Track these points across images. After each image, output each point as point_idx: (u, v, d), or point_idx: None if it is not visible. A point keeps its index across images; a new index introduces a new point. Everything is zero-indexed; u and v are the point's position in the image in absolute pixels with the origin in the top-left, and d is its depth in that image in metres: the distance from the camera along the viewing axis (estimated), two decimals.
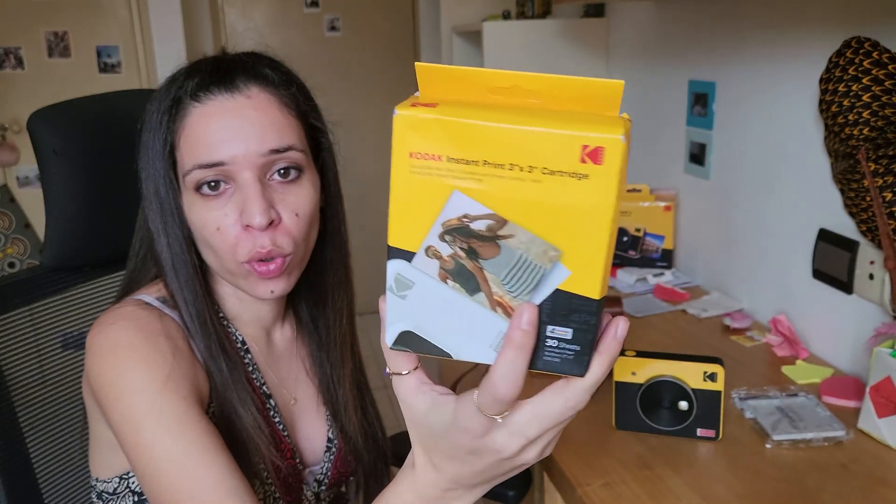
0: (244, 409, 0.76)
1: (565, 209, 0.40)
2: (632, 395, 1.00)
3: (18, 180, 3.02)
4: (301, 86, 0.79)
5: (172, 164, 0.75)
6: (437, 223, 0.42)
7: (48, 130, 0.89)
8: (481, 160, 0.40)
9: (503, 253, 0.42)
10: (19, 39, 2.91)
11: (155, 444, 0.67)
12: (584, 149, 0.39)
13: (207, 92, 0.72)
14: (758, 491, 0.89)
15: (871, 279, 1.15)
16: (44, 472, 0.93)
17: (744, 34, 1.42)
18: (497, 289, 0.43)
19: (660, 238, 1.67)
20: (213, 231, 0.73)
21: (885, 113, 1.03)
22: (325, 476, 0.89)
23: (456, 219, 0.42)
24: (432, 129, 0.40)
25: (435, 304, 0.44)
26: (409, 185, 0.42)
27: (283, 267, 0.74)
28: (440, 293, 0.44)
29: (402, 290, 0.44)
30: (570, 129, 0.38)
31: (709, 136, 1.56)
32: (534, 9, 2.25)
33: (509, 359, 0.42)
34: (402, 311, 0.45)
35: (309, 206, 0.76)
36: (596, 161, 0.39)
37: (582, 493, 0.90)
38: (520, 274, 0.42)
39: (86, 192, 0.92)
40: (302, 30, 3.53)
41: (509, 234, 0.42)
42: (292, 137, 0.74)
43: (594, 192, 0.39)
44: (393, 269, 0.44)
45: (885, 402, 0.96)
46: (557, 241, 0.41)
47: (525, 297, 0.43)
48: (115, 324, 0.72)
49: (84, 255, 0.95)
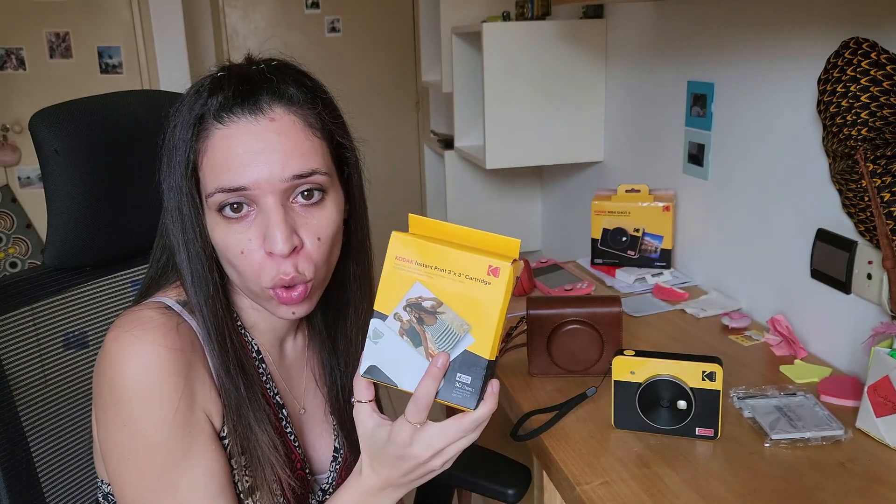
0: (260, 428, 0.77)
1: (476, 301, 0.66)
2: (630, 394, 1.01)
3: (20, 180, 3.03)
4: (327, 102, 0.77)
5: (195, 183, 0.74)
6: (404, 299, 0.68)
7: (50, 131, 0.89)
8: (434, 266, 0.67)
9: (438, 323, 0.67)
10: (21, 40, 2.91)
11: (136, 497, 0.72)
12: (490, 267, 0.65)
13: (231, 113, 0.71)
14: (756, 490, 0.90)
15: (869, 279, 1.15)
16: (45, 472, 0.93)
17: (742, 35, 1.43)
18: (432, 345, 0.68)
19: (658, 238, 1.67)
20: (238, 254, 0.73)
21: (883, 113, 1.04)
22: (331, 485, 0.89)
23: (415, 298, 0.68)
24: (410, 244, 0.68)
25: (393, 350, 0.68)
26: (391, 274, 0.68)
27: (305, 294, 0.75)
28: (397, 343, 0.68)
29: (377, 338, 0.69)
30: (484, 256, 0.66)
31: (707, 137, 1.57)
32: (533, 10, 2.26)
33: (426, 384, 0.67)
34: (373, 352, 0.69)
35: (332, 229, 0.76)
36: (496, 275, 0.66)
37: (581, 491, 0.91)
38: (445, 337, 0.67)
39: (87, 193, 0.92)
40: (302, 31, 3.54)
41: (443, 312, 0.67)
42: (316, 161, 0.73)
43: (492, 293, 0.66)
44: (374, 324, 0.69)
45: (883, 401, 0.97)
46: (469, 319, 0.67)
47: (447, 351, 0.67)
48: (131, 331, 0.71)
49: (86, 255, 0.95)
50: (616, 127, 2.01)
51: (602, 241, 1.71)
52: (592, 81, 2.02)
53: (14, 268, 3.00)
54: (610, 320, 1.17)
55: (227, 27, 3.45)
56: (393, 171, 3.82)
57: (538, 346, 1.19)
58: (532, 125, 2.02)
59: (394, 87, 3.71)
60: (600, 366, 1.18)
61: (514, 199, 2.52)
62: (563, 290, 1.59)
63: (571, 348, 1.18)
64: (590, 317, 1.17)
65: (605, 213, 1.69)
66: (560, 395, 1.15)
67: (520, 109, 2.00)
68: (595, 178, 2.16)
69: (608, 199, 1.70)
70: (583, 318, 1.17)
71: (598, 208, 1.70)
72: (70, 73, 2.98)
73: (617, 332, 1.17)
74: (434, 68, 2.82)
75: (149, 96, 1.06)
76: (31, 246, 3.03)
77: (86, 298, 0.99)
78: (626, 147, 1.96)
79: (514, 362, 1.26)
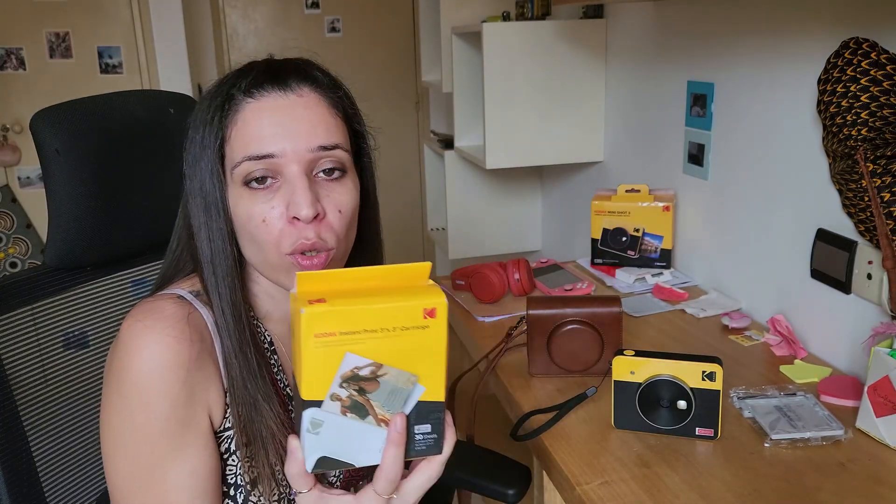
0: (269, 404, 0.77)
1: (417, 349, 0.61)
2: (630, 394, 1.01)
3: (20, 180, 3.03)
4: (347, 92, 0.81)
5: (221, 160, 0.77)
6: (337, 376, 0.61)
7: (51, 131, 0.90)
8: (361, 329, 0.60)
9: (382, 386, 0.62)
10: (21, 40, 2.91)
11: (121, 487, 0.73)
12: (425, 310, 0.61)
13: (261, 88, 0.75)
14: (756, 490, 0.90)
15: (869, 279, 1.16)
16: (46, 472, 0.93)
17: (742, 35, 1.43)
18: (381, 410, 0.63)
19: (658, 238, 1.67)
20: (259, 223, 0.74)
21: (883, 113, 1.04)
22: (338, 478, 0.89)
23: (349, 371, 0.61)
24: (328, 317, 0.59)
25: (339, 433, 0.63)
26: (315, 356, 0.60)
27: (325, 262, 0.76)
28: (342, 424, 0.62)
29: (316, 428, 0.62)
30: (415, 301, 0.60)
31: (707, 137, 1.57)
32: (533, 10, 2.26)
33: (392, 453, 0.64)
34: (316, 444, 0.63)
35: (352, 204, 0.78)
36: (433, 316, 0.61)
37: (581, 491, 0.91)
38: (393, 397, 0.63)
39: (88, 192, 0.93)
40: (303, 31, 3.54)
41: (384, 373, 0.62)
42: (339, 137, 0.77)
43: (433, 335, 0.62)
44: (308, 416, 0.62)
45: (883, 401, 0.97)
46: (414, 369, 0.62)
47: (398, 410, 0.63)
48: (142, 321, 0.72)
49: (86, 255, 0.95)
50: (616, 127, 2.01)
51: (602, 241, 1.71)
52: (592, 81, 2.02)
53: (14, 268, 3.00)
54: (610, 320, 1.17)
55: (227, 27, 3.45)
56: (393, 171, 3.82)
57: (538, 346, 1.19)
58: (532, 125, 2.02)
59: (394, 87, 3.71)
60: (600, 366, 1.18)
61: (514, 199, 2.52)
62: (563, 290, 1.59)
63: (571, 348, 1.18)
64: (590, 317, 1.17)
65: (605, 213, 1.69)
66: (560, 395, 1.15)
67: (520, 109, 2.00)
68: (595, 178, 2.16)
69: (608, 199, 1.70)
70: (583, 318, 1.17)
71: (598, 208, 1.70)
72: (70, 73, 2.98)
73: (617, 332, 1.17)
74: (434, 68, 2.82)
75: (149, 96, 1.07)
76: (31, 246, 3.03)
77: (86, 298, 0.99)
78: (626, 147, 1.96)
79: (514, 362, 1.26)
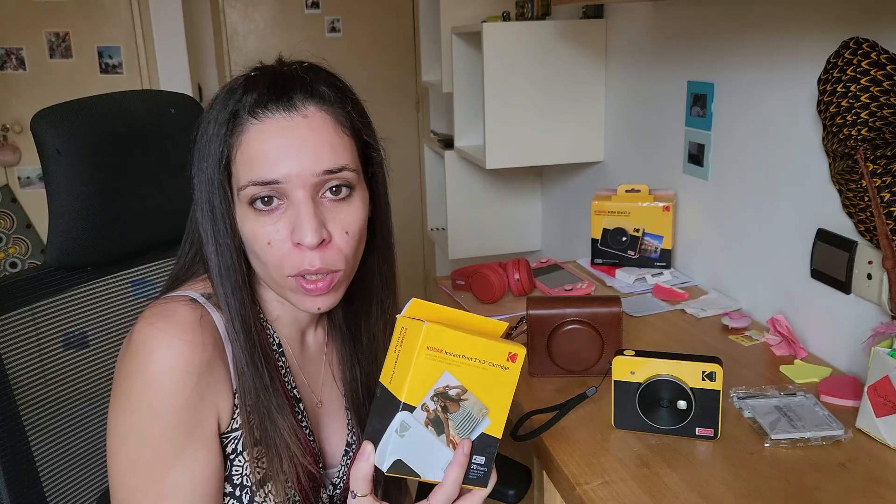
0: (282, 416, 0.78)
1: (494, 385, 0.71)
2: (630, 394, 1.01)
3: (20, 180, 3.03)
4: (356, 102, 0.80)
5: (227, 176, 0.76)
6: (432, 389, 0.68)
7: (52, 130, 0.90)
8: (461, 354, 0.69)
9: (461, 409, 0.70)
10: (21, 40, 2.91)
11: (129, 485, 0.73)
12: (510, 353, 0.71)
13: (265, 109, 0.74)
14: (756, 490, 0.90)
15: (869, 279, 1.16)
16: (46, 472, 0.93)
17: (742, 35, 1.43)
18: (453, 432, 0.70)
19: (658, 238, 1.67)
20: (264, 245, 0.75)
21: (883, 113, 1.04)
22: (342, 480, 0.90)
23: (442, 387, 0.69)
24: (443, 335, 0.68)
25: (418, 441, 0.69)
26: (423, 365, 0.68)
27: (331, 284, 0.76)
28: (423, 434, 0.69)
29: (404, 431, 0.68)
30: (505, 344, 0.71)
31: (707, 137, 1.57)
32: (533, 10, 2.26)
33: (455, 473, 0.70)
34: (399, 446, 0.68)
35: (358, 224, 0.78)
36: (513, 361, 0.71)
37: (581, 491, 0.91)
38: (466, 422, 0.71)
39: (89, 192, 0.93)
40: (303, 31, 3.54)
41: (466, 398, 0.70)
42: (345, 157, 0.76)
43: (509, 376, 0.71)
44: (400, 418, 0.68)
45: (883, 401, 0.97)
46: (487, 402, 0.71)
47: (467, 436, 0.71)
48: (155, 324, 0.73)
49: (86, 255, 0.95)
50: (616, 127, 2.01)
51: (602, 241, 1.71)
52: (592, 81, 2.02)
53: (14, 268, 3.01)
54: (610, 320, 1.17)
55: (227, 27, 3.45)
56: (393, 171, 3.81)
57: (538, 346, 1.19)
58: (532, 125, 2.02)
59: (394, 87, 3.71)
60: (600, 366, 1.18)
61: (514, 199, 2.52)
62: (563, 290, 1.59)
63: (571, 348, 1.18)
64: (590, 317, 1.17)
65: (605, 213, 1.69)
66: (560, 395, 1.15)
67: (520, 109, 2.00)
68: (595, 178, 2.16)
69: (608, 199, 1.70)
70: (583, 318, 1.17)
71: (598, 208, 1.70)
72: (70, 73, 2.98)
73: (617, 332, 1.17)
74: (434, 68, 2.82)
75: (149, 96, 1.07)
76: (31, 246, 3.03)
77: (86, 298, 0.99)
78: (626, 147, 1.96)
79: None
